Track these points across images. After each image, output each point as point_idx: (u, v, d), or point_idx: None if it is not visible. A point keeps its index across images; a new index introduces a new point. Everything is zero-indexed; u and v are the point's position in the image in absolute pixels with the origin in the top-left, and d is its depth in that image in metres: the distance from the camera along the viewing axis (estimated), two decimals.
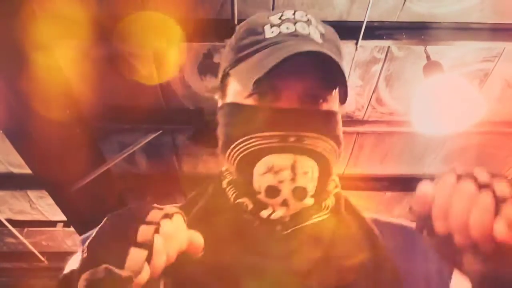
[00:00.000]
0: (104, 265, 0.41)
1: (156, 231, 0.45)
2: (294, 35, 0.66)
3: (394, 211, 3.10)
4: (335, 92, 0.67)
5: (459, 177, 0.47)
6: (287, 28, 0.67)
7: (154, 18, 1.75)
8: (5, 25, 1.61)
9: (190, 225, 0.50)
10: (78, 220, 2.64)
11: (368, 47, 1.97)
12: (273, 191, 0.62)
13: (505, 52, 2.00)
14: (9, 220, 3.25)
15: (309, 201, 0.64)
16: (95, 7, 1.76)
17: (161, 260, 0.45)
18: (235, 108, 0.68)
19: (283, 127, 0.62)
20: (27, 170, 2.25)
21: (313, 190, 0.64)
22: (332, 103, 0.67)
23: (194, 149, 2.54)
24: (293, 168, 0.62)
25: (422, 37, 1.86)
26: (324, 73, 0.64)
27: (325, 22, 0.73)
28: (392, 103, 2.31)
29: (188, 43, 1.90)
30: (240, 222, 0.66)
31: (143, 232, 0.45)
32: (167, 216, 0.48)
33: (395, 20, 1.85)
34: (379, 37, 1.87)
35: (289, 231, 0.65)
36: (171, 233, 0.46)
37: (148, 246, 0.44)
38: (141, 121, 2.32)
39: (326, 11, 1.79)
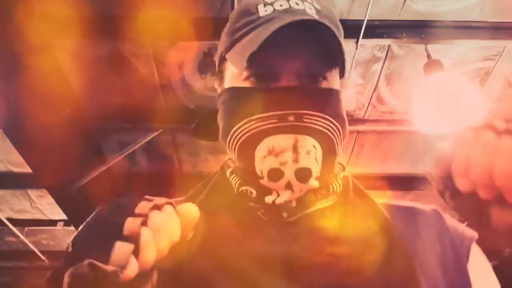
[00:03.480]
0: (87, 260, 0.39)
1: (144, 223, 0.43)
2: (289, 11, 0.64)
3: None
4: (336, 70, 0.65)
5: (476, 130, 0.44)
6: (281, 5, 0.65)
7: (154, 17, 1.75)
8: (5, 24, 1.61)
9: None
10: (78, 219, 2.64)
11: (369, 46, 1.97)
12: (275, 174, 0.60)
13: (505, 50, 2.00)
14: (9, 219, 3.26)
15: (314, 183, 0.61)
16: (95, 6, 1.76)
17: (150, 253, 0.42)
18: (232, 92, 0.66)
19: (281, 107, 0.60)
20: (27, 169, 2.25)
21: (318, 171, 0.61)
22: (333, 81, 0.65)
23: (195, 147, 2.54)
24: (294, 148, 0.59)
25: (423, 35, 1.86)
26: (322, 49, 0.62)
27: None
28: (393, 102, 2.31)
29: (188, 42, 1.90)
30: (244, 211, 0.64)
31: (129, 224, 0.42)
32: (156, 207, 0.46)
33: (395, 19, 1.85)
34: (380, 36, 1.86)
35: (295, 217, 0.62)
36: (161, 225, 0.44)
37: (134, 239, 0.42)
38: (141, 120, 2.32)
39: None
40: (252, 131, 0.61)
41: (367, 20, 1.77)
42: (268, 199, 0.61)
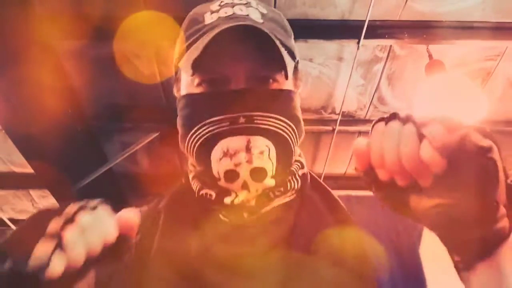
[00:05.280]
0: (9, 259, 0.41)
1: (69, 222, 0.44)
2: (232, 17, 0.67)
3: None
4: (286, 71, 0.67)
5: (386, 121, 0.47)
6: (225, 12, 0.68)
7: (156, 17, 1.75)
8: (7, 24, 1.62)
9: (155, 220, 0.50)
10: None
11: (370, 46, 1.97)
12: (231, 175, 0.62)
13: (507, 51, 2.00)
14: (11, 220, 3.26)
15: (269, 181, 0.64)
16: (97, 6, 1.76)
17: (76, 250, 0.44)
18: (187, 99, 0.68)
19: (232, 109, 0.63)
20: (29, 170, 2.25)
21: (273, 170, 0.64)
22: (283, 82, 0.67)
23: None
24: (247, 149, 0.62)
25: (424, 36, 1.86)
26: (268, 52, 0.64)
27: (326, 21, 0.73)
28: (394, 102, 2.31)
29: None
30: (206, 214, 0.66)
31: (52, 224, 0.44)
32: (84, 208, 0.47)
33: (397, 19, 1.85)
34: (381, 36, 1.86)
35: (256, 216, 0.65)
36: (89, 224, 0.45)
37: (56, 237, 0.43)
38: (142, 120, 2.32)
39: (327, 10, 1.78)
40: (207, 135, 0.64)
41: (369, 21, 1.77)
42: (227, 200, 0.64)
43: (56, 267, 0.42)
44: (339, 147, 2.53)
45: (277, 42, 0.62)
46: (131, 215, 0.50)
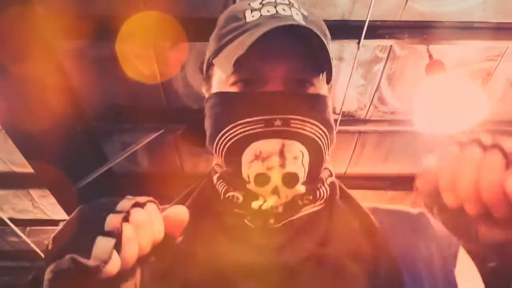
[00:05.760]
0: (69, 255, 0.39)
1: (125, 219, 0.43)
2: (276, 16, 0.64)
3: None
4: (323, 76, 0.65)
5: (462, 144, 0.44)
6: (268, 11, 0.65)
7: (156, 17, 1.75)
8: (7, 24, 1.62)
9: None
10: None
11: (370, 46, 1.97)
12: (262, 179, 0.60)
13: (508, 51, 2.00)
14: (11, 219, 3.26)
15: (300, 188, 0.61)
16: (97, 6, 1.76)
17: (132, 249, 0.42)
18: (219, 97, 0.66)
19: (268, 111, 0.60)
20: (29, 169, 2.25)
21: (305, 177, 0.61)
22: (320, 86, 0.65)
23: (196, 148, 2.54)
24: (281, 153, 0.59)
25: (424, 36, 1.86)
26: (309, 55, 0.62)
27: (326, 21, 0.72)
28: (394, 102, 2.31)
29: (190, 43, 1.90)
30: (231, 218, 0.64)
31: (111, 220, 0.42)
32: (138, 204, 0.46)
33: (397, 19, 1.85)
34: (381, 36, 1.86)
35: (282, 223, 0.62)
36: (143, 222, 0.44)
37: (116, 234, 0.41)
38: (143, 120, 2.32)
39: (328, 10, 1.78)
40: (239, 136, 0.61)
41: (369, 21, 1.77)
42: (255, 204, 0.61)
43: (115, 265, 0.40)
44: (339, 147, 2.52)
45: (326, 44, 0.60)
46: (182, 212, 0.48)
